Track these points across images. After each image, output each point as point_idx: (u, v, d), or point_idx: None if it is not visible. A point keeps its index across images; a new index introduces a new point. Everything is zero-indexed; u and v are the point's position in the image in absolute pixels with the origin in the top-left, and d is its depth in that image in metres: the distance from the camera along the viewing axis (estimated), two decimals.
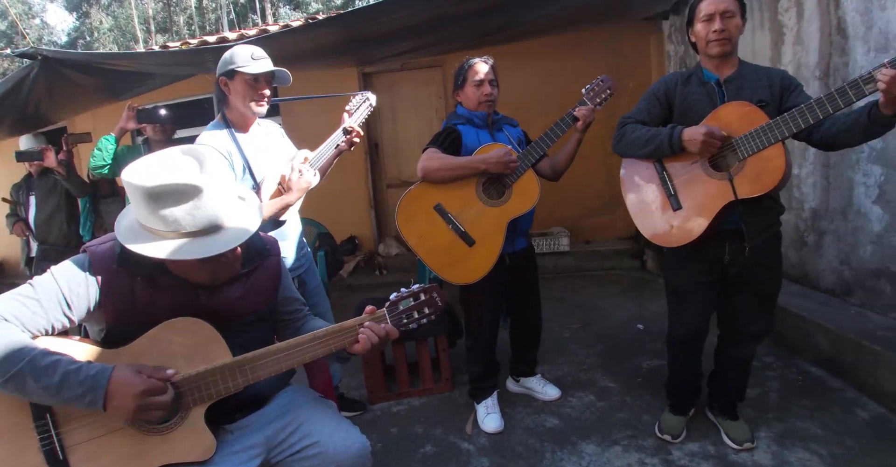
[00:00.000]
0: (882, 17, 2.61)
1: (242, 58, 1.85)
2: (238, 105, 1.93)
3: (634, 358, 2.98)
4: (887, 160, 2.65)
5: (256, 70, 1.85)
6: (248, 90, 1.89)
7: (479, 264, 2.16)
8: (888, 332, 2.53)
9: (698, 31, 1.85)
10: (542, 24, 4.14)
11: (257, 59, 1.86)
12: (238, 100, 1.92)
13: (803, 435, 2.18)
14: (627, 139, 1.96)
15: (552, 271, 4.85)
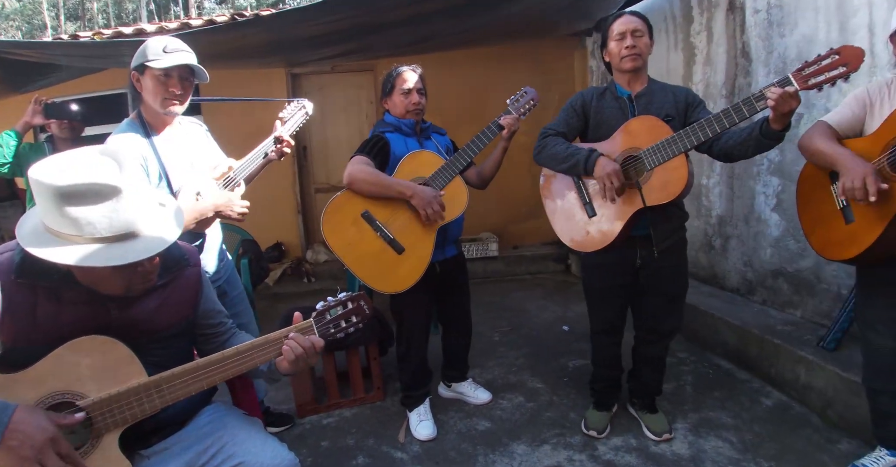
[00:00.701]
0: (781, 43, 2.87)
1: (153, 51, 1.66)
2: (150, 103, 1.73)
3: (560, 358, 3.07)
4: (784, 172, 2.92)
5: (165, 64, 1.64)
6: (159, 87, 1.69)
7: (409, 272, 2.13)
8: (787, 327, 2.77)
9: (612, 49, 1.99)
10: (470, 35, 4.22)
11: (170, 52, 1.67)
12: (149, 97, 1.72)
13: (716, 424, 2.33)
14: (548, 152, 2.04)
15: (482, 276, 4.93)
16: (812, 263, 2.79)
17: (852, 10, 2.45)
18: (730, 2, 3.20)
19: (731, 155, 1.85)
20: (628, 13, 1.98)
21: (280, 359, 1.25)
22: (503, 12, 3.63)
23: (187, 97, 1.77)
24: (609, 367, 2.30)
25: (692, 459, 2.10)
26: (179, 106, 1.75)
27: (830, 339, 2.45)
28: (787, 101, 1.54)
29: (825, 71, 1.50)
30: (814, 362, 2.40)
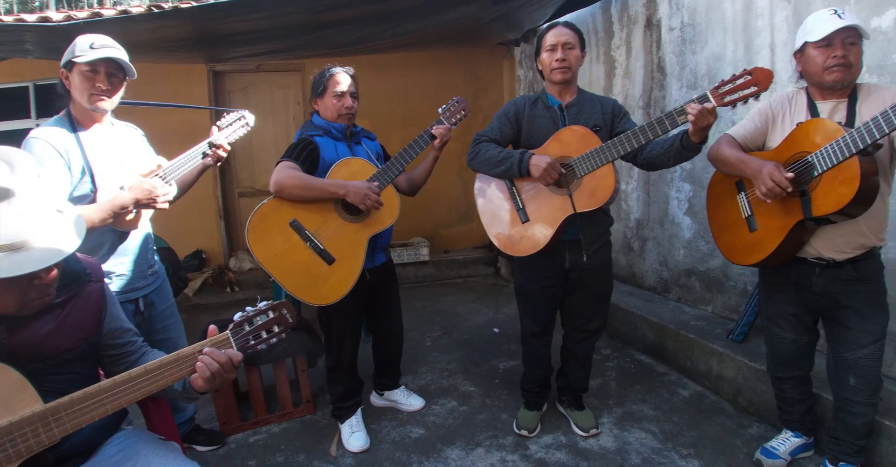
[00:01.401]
0: (693, 59, 3.07)
1: (81, 47, 1.64)
2: (78, 99, 1.70)
3: (492, 360, 3.10)
4: (695, 179, 3.11)
5: (90, 58, 1.62)
6: (85, 82, 1.66)
7: (340, 283, 2.06)
8: (699, 322, 2.96)
9: (544, 60, 2.04)
10: (403, 39, 4.19)
11: (97, 48, 1.64)
12: (77, 93, 1.69)
13: (639, 417, 2.44)
14: (481, 157, 2.07)
15: (413, 281, 4.90)
16: (720, 263, 2.99)
17: (756, 32, 2.67)
18: (647, 19, 3.39)
19: (654, 164, 1.95)
20: (562, 25, 2.03)
21: (194, 377, 1.15)
22: (437, 19, 3.65)
23: (115, 93, 1.74)
24: (539, 367, 2.35)
25: (618, 452, 2.18)
26: (107, 102, 1.72)
27: (738, 332, 2.64)
28: (705, 117, 1.63)
29: (739, 89, 1.61)
30: (724, 354, 2.57)
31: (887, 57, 2.10)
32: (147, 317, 1.94)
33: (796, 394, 2.02)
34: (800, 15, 2.43)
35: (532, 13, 3.90)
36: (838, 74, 1.61)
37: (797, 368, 1.98)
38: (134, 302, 1.87)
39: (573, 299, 2.20)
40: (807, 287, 1.79)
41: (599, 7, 3.83)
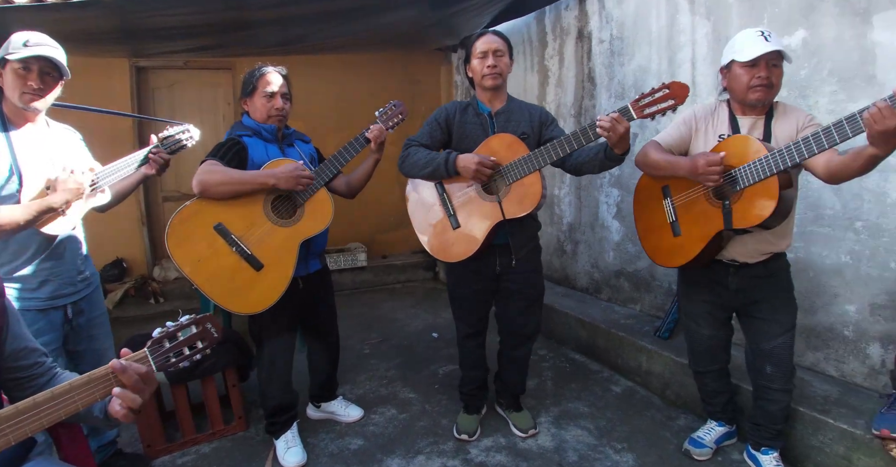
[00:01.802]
0: (621, 71, 3.21)
1: (15, 44, 1.60)
2: (10, 97, 1.65)
3: (431, 365, 3.09)
4: (622, 184, 3.25)
5: (22, 55, 1.58)
6: (18, 80, 1.62)
7: (269, 290, 1.97)
8: (629, 320, 3.08)
9: (475, 67, 2.07)
10: (340, 41, 4.11)
11: (31, 45, 1.60)
12: (8, 91, 1.65)
13: (575, 415, 2.50)
14: (410, 161, 2.08)
15: (350, 287, 4.82)
16: (647, 264, 3.14)
17: (678, 46, 2.83)
18: (579, 31, 3.51)
19: (581, 171, 2.03)
20: (491, 32, 2.07)
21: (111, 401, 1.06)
22: (374, 22, 3.61)
23: (48, 92, 1.69)
24: (476, 369, 2.37)
25: (556, 450, 2.23)
26: (40, 101, 1.67)
27: (664, 329, 2.77)
28: (615, 128, 1.70)
29: (658, 102, 1.68)
30: (652, 350, 2.69)
31: (796, 73, 2.28)
32: (75, 325, 1.83)
33: (717, 386, 2.15)
34: (718, 32, 2.60)
35: (469, 20, 3.95)
36: (761, 94, 1.73)
37: (716, 362, 2.11)
38: (62, 309, 1.76)
39: (506, 304, 2.24)
40: (723, 285, 1.92)
41: (534, 18, 3.94)
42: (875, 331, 2.15)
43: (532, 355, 2.64)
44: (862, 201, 2.12)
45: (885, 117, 1.31)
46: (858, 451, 1.90)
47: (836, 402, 2.09)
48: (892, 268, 2.07)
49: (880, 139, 1.36)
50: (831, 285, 2.25)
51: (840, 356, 2.28)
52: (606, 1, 3.25)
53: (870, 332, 2.17)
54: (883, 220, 2.08)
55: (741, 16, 2.49)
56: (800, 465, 2.07)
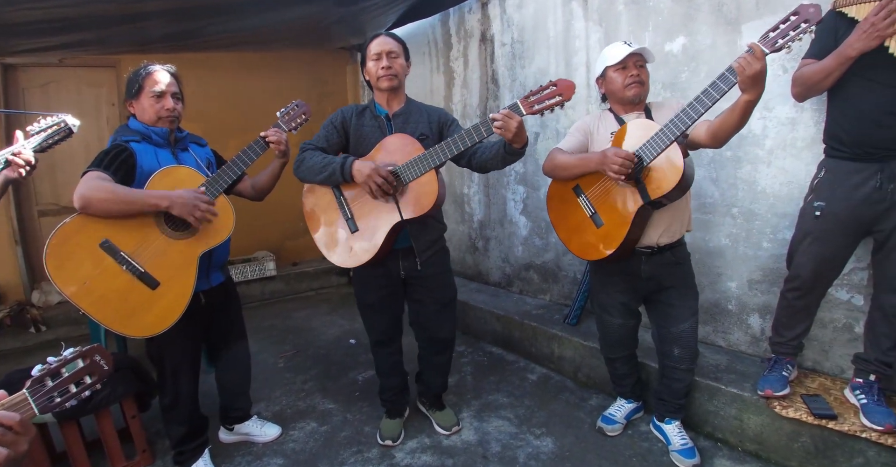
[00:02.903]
0: (522, 73, 3.30)
1: None
2: None
3: (350, 372, 3.01)
4: (527, 181, 3.36)
5: None
6: None
7: (168, 309, 1.80)
8: (540, 310, 3.19)
9: (370, 69, 2.03)
10: (237, 37, 3.86)
11: None
12: None
13: (495, 406, 2.54)
14: (305, 165, 2.00)
15: (260, 298, 4.57)
16: (553, 256, 3.26)
17: (574, 51, 2.96)
18: (482, 34, 3.58)
19: (486, 168, 2.03)
20: (384, 35, 2.03)
21: None
22: (274, 17, 3.44)
23: None
24: (393, 376, 2.33)
25: (480, 443, 2.24)
26: None
27: (573, 316, 2.90)
28: (507, 123, 1.73)
29: (546, 99, 1.73)
30: (563, 337, 2.80)
31: (678, 76, 2.48)
32: None
33: (626, 370, 2.30)
34: (610, 38, 2.76)
35: (374, 19, 3.89)
36: (636, 89, 1.89)
37: (626, 348, 2.24)
38: None
39: (418, 309, 2.22)
40: (636, 274, 2.02)
41: (438, 20, 3.96)
42: (754, 303, 2.39)
43: None
44: (737, 190, 2.35)
45: (751, 63, 1.48)
46: (748, 411, 2.09)
47: (726, 370, 2.29)
48: (765, 247, 2.31)
49: (750, 83, 1.51)
50: (715, 265, 2.47)
51: (726, 328, 2.50)
52: (507, 5, 3.34)
53: (750, 305, 2.40)
54: (755, 206, 2.31)
55: (629, 23, 2.66)
56: (699, 429, 2.25)
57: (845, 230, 1.85)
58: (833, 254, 1.91)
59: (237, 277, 4.38)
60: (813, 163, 2.00)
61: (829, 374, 2.20)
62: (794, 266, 2.00)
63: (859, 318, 2.06)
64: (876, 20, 1.62)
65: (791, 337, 2.08)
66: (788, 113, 2.15)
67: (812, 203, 1.90)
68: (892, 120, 1.69)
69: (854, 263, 2.04)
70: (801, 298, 2.01)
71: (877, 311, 1.90)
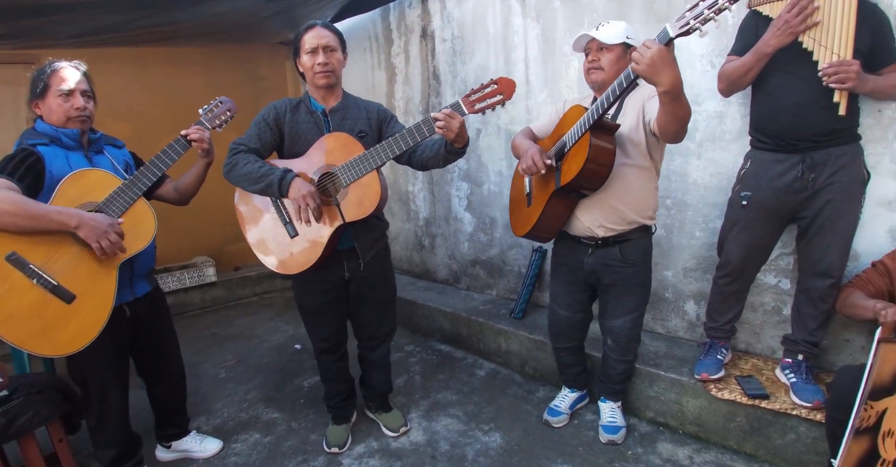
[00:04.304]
0: (463, 69, 3.25)
1: None
2: None
3: (295, 379, 2.88)
4: (471, 178, 3.32)
5: None
6: None
7: (87, 324, 1.64)
8: (486, 306, 3.17)
9: (304, 62, 1.89)
10: (165, 30, 3.60)
11: None
12: None
13: (444, 404, 2.49)
14: (239, 171, 1.85)
15: (200, 306, 4.33)
16: (498, 251, 3.25)
17: (512, 47, 2.94)
18: (423, 29, 3.50)
19: (427, 166, 1.97)
20: (320, 25, 1.88)
21: None
22: (204, 10, 3.23)
23: None
24: (339, 382, 2.23)
25: (428, 443, 2.19)
26: None
27: (518, 310, 2.89)
28: (449, 123, 1.68)
29: (487, 97, 1.70)
30: (509, 331, 2.79)
31: None
32: None
33: (571, 360, 2.30)
34: (547, 34, 2.75)
35: (312, 13, 3.73)
36: (594, 74, 1.86)
37: (572, 340, 2.24)
38: None
39: (359, 309, 2.13)
40: (579, 265, 2.02)
41: (379, 14, 3.85)
42: (689, 290, 2.45)
43: (398, 351, 2.58)
44: (670, 182, 2.39)
45: (643, 53, 1.37)
46: (686, 395, 2.14)
47: (665, 356, 2.34)
48: (697, 236, 2.36)
49: (650, 72, 1.38)
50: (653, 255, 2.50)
51: (664, 315, 2.56)
52: (447, 1, 3.28)
53: (685, 292, 2.46)
54: (687, 197, 2.36)
55: (566, 19, 2.66)
56: (642, 415, 2.29)
57: (771, 218, 1.91)
58: (760, 240, 1.97)
59: (174, 285, 4.13)
60: (740, 155, 2.06)
61: (762, 355, 2.28)
62: (725, 253, 2.05)
63: (787, 301, 2.14)
64: (789, 17, 1.68)
65: (724, 321, 2.14)
66: (716, 107, 2.21)
67: (739, 193, 1.95)
68: (811, 112, 1.75)
69: (780, 249, 2.11)
70: (731, 284, 2.06)
71: (802, 294, 1.97)
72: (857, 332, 2.02)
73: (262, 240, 1.94)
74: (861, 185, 1.83)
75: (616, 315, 2.03)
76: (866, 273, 1.80)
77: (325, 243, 1.84)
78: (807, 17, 1.67)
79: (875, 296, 1.73)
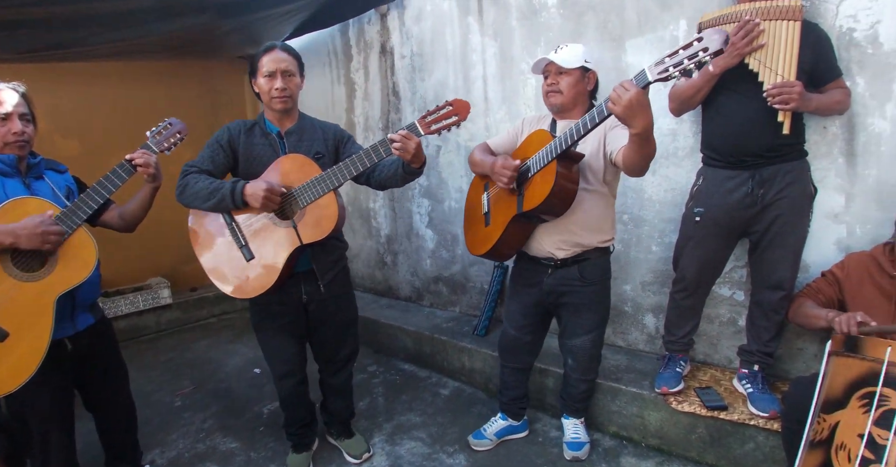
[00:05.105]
0: (422, 86, 3.23)
1: None
2: None
3: (254, 406, 2.74)
4: (431, 194, 3.28)
5: None
6: None
7: (22, 362, 1.53)
8: (450, 323, 3.11)
9: (261, 85, 1.83)
10: (119, 46, 3.44)
11: None
12: None
13: (408, 427, 2.41)
14: (190, 191, 1.77)
15: (155, 330, 4.10)
16: (461, 267, 3.21)
17: (471, 64, 2.94)
18: (382, 45, 3.47)
19: (385, 186, 1.93)
20: (279, 48, 1.83)
21: None
22: (159, 27, 3.11)
23: None
24: (299, 408, 2.13)
25: None
26: None
27: (481, 327, 2.85)
28: (405, 145, 1.65)
29: (443, 119, 1.68)
30: (472, 348, 2.74)
31: None
32: None
33: (511, 381, 2.22)
34: (505, 52, 2.76)
35: (271, 29, 3.64)
36: (551, 97, 1.85)
37: (517, 361, 2.18)
38: None
39: (319, 332, 2.05)
40: (538, 285, 1.98)
41: (338, 30, 3.80)
42: (647, 303, 2.46)
43: (361, 372, 2.49)
44: (627, 198, 2.41)
45: (621, 95, 1.36)
46: (648, 408, 2.13)
47: (626, 369, 2.33)
48: (654, 251, 2.38)
49: (625, 115, 1.38)
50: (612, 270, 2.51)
51: (624, 328, 2.56)
52: (406, 18, 3.26)
53: (644, 305, 2.47)
54: (643, 213, 2.38)
55: (523, 37, 2.68)
56: (605, 429, 2.27)
57: (723, 233, 1.94)
58: (714, 255, 2.00)
59: (127, 308, 3.91)
60: (693, 171, 2.09)
61: (719, 366, 2.30)
62: (680, 268, 2.07)
63: (742, 312, 2.17)
64: (735, 40, 1.72)
65: (682, 334, 2.15)
66: (669, 124, 2.25)
67: (692, 208, 1.97)
68: (759, 130, 1.79)
69: (734, 262, 2.14)
70: (687, 298, 2.08)
71: (755, 306, 2.00)
72: (810, 341, 2.07)
73: (217, 265, 1.85)
74: (809, 200, 1.89)
75: (576, 334, 2.00)
76: (816, 283, 1.84)
77: (281, 266, 1.77)
78: (752, 40, 1.71)
79: (825, 304, 1.77)
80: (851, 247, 1.92)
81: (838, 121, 1.90)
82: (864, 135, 1.87)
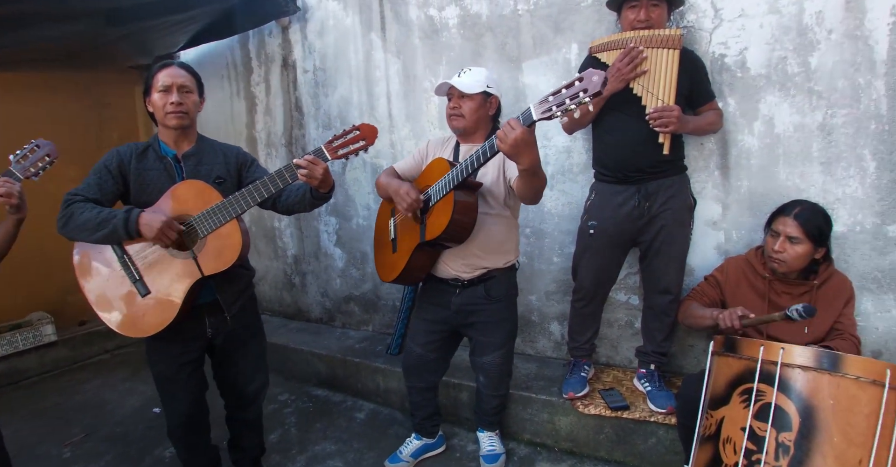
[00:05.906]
0: (326, 101, 3.11)
1: None
2: None
3: (154, 450, 2.44)
4: (339, 212, 3.18)
5: None
6: None
7: None
8: (363, 343, 3.00)
9: (155, 101, 1.67)
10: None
11: None
12: None
13: (323, 457, 2.27)
14: (75, 222, 1.55)
15: (38, 371, 3.55)
16: (372, 286, 3.12)
17: (375, 81, 2.88)
18: (284, 59, 3.31)
19: (293, 211, 1.81)
20: (176, 65, 1.69)
21: None
22: (34, 34, 2.73)
23: None
24: (201, 456, 1.93)
25: None
26: None
27: (394, 345, 2.75)
28: (312, 170, 1.56)
29: (350, 143, 1.61)
30: (386, 369, 2.66)
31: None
32: None
33: (420, 401, 2.17)
34: (408, 70, 2.73)
35: (163, 38, 3.34)
36: (454, 121, 1.84)
37: (422, 380, 2.13)
38: None
39: (226, 367, 1.88)
40: (446, 305, 1.94)
41: (237, 42, 3.57)
42: (552, 312, 2.52)
43: (272, 402, 2.31)
44: (528, 212, 2.46)
45: (507, 133, 1.34)
46: (557, 414, 2.17)
47: (535, 377, 2.37)
48: (555, 262, 2.45)
49: (511, 152, 1.38)
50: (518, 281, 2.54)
51: (533, 337, 2.60)
52: (308, 32, 3.14)
53: (549, 314, 2.53)
54: (544, 226, 2.45)
55: (425, 56, 2.67)
56: (519, 437, 2.28)
57: (615, 244, 2.03)
58: (608, 264, 2.08)
59: (5, 349, 3.37)
60: (587, 186, 2.17)
61: (621, 366, 2.40)
62: (578, 278, 2.14)
63: (638, 316, 2.28)
64: (621, 66, 1.82)
65: (584, 340, 2.22)
66: (564, 142, 2.33)
67: (587, 222, 2.05)
68: (644, 148, 1.89)
69: (627, 269, 2.25)
70: (587, 306, 2.15)
71: (648, 310, 2.11)
72: (699, 338, 2.21)
73: (106, 302, 1.64)
74: (690, 211, 2.03)
75: (486, 352, 1.99)
76: (700, 286, 1.96)
77: (180, 302, 1.59)
78: (636, 67, 1.82)
79: (710, 305, 1.89)
80: (729, 252, 2.09)
81: (713, 138, 2.07)
82: (735, 150, 2.04)
